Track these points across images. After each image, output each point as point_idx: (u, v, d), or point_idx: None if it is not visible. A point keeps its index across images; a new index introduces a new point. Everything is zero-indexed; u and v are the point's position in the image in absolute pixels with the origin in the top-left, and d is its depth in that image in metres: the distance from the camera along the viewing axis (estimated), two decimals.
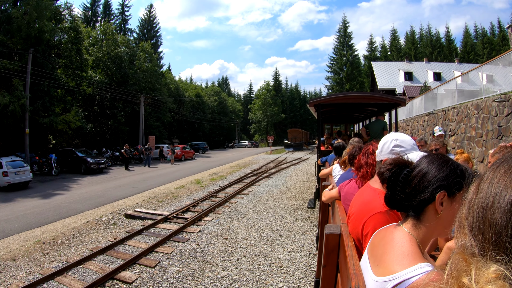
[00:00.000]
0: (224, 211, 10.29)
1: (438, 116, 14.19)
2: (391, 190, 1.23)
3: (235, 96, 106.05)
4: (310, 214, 9.75)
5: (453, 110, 12.59)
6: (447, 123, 13.05)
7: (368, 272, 1.20)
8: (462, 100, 12.39)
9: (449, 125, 12.77)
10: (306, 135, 63.52)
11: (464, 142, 11.28)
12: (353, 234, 1.78)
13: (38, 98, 23.01)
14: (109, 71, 34.67)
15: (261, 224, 8.76)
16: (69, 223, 9.70)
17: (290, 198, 12.21)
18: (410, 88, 37.85)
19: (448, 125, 12.92)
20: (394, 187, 1.21)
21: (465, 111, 11.49)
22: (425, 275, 0.97)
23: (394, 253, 1.12)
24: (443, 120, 13.57)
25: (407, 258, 1.07)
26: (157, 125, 39.86)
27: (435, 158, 1.21)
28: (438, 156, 1.23)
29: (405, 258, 1.07)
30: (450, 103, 13.55)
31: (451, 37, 65.11)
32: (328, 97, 10.49)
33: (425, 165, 1.19)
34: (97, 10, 49.52)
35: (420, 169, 1.19)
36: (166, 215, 9.49)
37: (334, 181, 4.01)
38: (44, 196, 14.12)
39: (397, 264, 1.07)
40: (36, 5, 21.89)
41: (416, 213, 1.17)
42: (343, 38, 65.93)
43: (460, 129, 11.73)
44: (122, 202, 12.37)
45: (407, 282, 0.99)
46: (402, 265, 1.05)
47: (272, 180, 16.79)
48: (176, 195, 13.51)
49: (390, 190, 1.23)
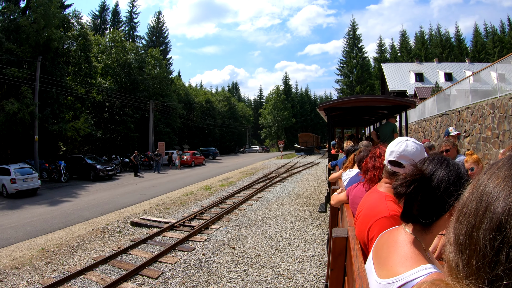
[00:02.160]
0: (232, 219, 9.98)
1: (452, 117, 13.64)
2: (408, 206, 1.15)
3: (245, 101, 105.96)
4: (321, 221, 9.38)
5: (467, 110, 12.05)
6: (461, 123, 12.50)
7: (372, 274, 1.19)
8: (476, 100, 11.86)
9: (463, 125, 12.23)
10: (317, 139, 63.03)
11: (479, 143, 10.77)
12: (359, 238, 1.78)
13: (47, 106, 23.17)
14: (118, 78, 34.81)
15: (270, 232, 8.42)
16: (74, 231, 9.54)
17: (301, 204, 11.84)
18: (422, 89, 37.10)
19: (462, 125, 12.37)
20: (412, 203, 1.13)
21: (479, 111, 10.97)
22: (428, 276, 0.97)
23: (397, 255, 1.11)
24: (457, 121, 13.02)
25: (410, 260, 1.06)
26: (167, 131, 39.79)
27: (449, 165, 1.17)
28: (448, 162, 1.19)
29: (408, 260, 1.07)
30: (464, 103, 12.98)
31: (461, 37, 63.84)
32: (338, 101, 10.37)
33: (443, 175, 1.13)
34: (106, 18, 50.08)
35: (440, 181, 1.12)
36: (172, 223, 9.23)
37: (343, 185, 3.98)
38: (51, 203, 14.03)
39: (401, 266, 1.06)
40: (44, 13, 22.14)
41: (429, 224, 1.13)
42: (352, 40, 65.48)
43: (475, 130, 11.21)
44: (129, 209, 12.18)
45: (410, 284, 0.99)
46: (405, 267, 1.04)
47: (283, 186, 16.42)
48: (185, 202, 13.28)
49: (408, 206, 1.15)
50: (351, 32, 66.04)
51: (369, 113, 12.46)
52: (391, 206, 1.61)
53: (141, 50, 41.06)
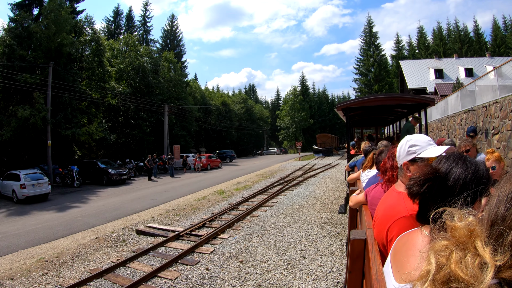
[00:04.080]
0: (243, 227, 9.25)
1: (478, 113, 12.43)
2: (423, 207, 1.11)
3: (263, 103, 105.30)
4: (339, 230, 8.55)
5: (496, 105, 10.89)
6: (489, 120, 11.28)
7: (390, 278, 1.17)
8: (505, 93, 10.76)
9: (492, 122, 11.02)
10: (335, 139, 61.75)
11: (510, 141, 9.69)
12: (378, 239, 1.73)
13: (60, 111, 23.10)
14: (132, 81, 34.74)
15: (283, 243, 7.64)
16: (77, 239, 9.08)
17: (318, 210, 11.01)
18: (442, 86, 35.60)
19: (490, 122, 11.18)
20: (427, 203, 1.10)
21: (510, 105, 9.89)
22: None
23: (415, 259, 1.04)
24: (484, 117, 11.81)
25: None
26: (183, 134, 39.39)
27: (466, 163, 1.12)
28: (466, 159, 1.13)
29: None
30: (491, 97, 11.73)
31: (479, 31, 61.20)
32: (355, 101, 10.17)
33: (460, 173, 1.09)
34: (120, 23, 50.46)
35: (456, 180, 1.08)
36: (179, 232, 8.60)
37: (362, 186, 3.85)
38: (60, 209, 13.70)
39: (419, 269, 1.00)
40: (55, 19, 22.16)
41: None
42: (368, 38, 63.99)
43: (505, 126, 10.08)
44: (137, 215, 11.66)
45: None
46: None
47: (299, 190, 15.58)
48: (196, 207, 12.67)
49: (423, 206, 1.12)
50: (367, 30, 64.58)
51: (388, 112, 12.26)
52: (410, 206, 1.46)
53: (155, 54, 41.02)
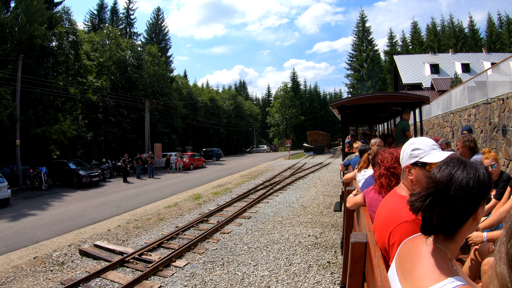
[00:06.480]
0: (208, 249, 7.67)
1: (493, 107, 10.79)
2: (427, 219, 1.11)
3: (253, 100, 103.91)
4: (330, 256, 6.73)
5: None
6: (507, 115, 9.69)
7: (396, 285, 1.17)
8: None
9: (510, 117, 9.54)
10: (327, 137, 60.69)
11: None
12: (380, 243, 1.73)
13: (30, 107, 21.49)
14: (113, 76, 33.04)
15: (254, 279, 5.87)
16: (13, 258, 7.74)
17: (305, 224, 9.47)
18: (439, 81, 34.79)
19: (508, 117, 9.63)
20: (431, 215, 1.10)
21: None
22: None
23: (423, 266, 1.08)
24: (500, 112, 10.19)
25: (436, 272, 1.03)
26: (167, 131, 37.77)
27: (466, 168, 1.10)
28: (466, 164, 1.12)
29: (434, 272, 1.03)
30: (509, 89, 10.20)
31: (474, 27, 60.58)
32: (351, 99, 10.32)
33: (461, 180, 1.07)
34: (104, 16, 48.39)
35: (458, 189, 1.06)
36: (127, 255, 7.18)
37: (358, 186, 3.80)
38: (14, 217, 12.24)
39: (427, 278, 1.02)
40: (26, 9, 20.49)
41: (452, 232, 1.09)
42: (361, 33, 62.81)
43: None
44: (91, 228, 10.24)
45: None
46: (432, 280, 1.01)
47: (285, 195, 14.15)
48: (162, 217, 11.29)
49: (426, 219, 1.12)
50: (360, 25, 63.37)
51: (383, 110, 12.30)
52: None
53: (139, 48, 39.27)
